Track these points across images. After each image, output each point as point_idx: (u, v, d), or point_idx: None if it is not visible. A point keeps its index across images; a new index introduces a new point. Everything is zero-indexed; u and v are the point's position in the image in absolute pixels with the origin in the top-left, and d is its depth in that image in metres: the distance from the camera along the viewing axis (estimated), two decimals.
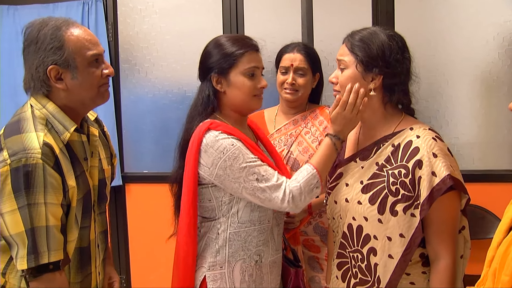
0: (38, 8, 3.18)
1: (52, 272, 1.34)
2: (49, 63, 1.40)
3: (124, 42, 3.18)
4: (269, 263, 1.62)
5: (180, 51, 3.09)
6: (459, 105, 2.76)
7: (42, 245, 1.31)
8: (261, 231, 1.58)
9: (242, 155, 1.49)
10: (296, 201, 1.49)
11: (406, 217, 1.39)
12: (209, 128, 1.53)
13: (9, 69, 3.20)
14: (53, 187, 1.33)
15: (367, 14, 2.78)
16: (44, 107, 1.43)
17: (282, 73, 2.14)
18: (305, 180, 1.50)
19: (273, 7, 2.96)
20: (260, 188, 1.49)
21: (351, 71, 1.48)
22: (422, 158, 1.38)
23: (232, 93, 1.59)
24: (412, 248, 1.40)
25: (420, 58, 2.73)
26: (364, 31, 1.51)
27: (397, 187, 1.41)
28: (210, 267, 1.56)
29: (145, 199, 3.19)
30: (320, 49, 2.71)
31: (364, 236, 1.48)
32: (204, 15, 3.04)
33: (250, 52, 1.58)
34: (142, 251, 3.23)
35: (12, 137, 1.35)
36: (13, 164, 1.29)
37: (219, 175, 1.50)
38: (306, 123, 2.15)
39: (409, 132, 1.46)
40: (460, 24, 2.72)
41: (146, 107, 3.19)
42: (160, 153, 3.18)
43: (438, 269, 1.41)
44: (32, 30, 1.44)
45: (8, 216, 1.29)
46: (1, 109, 3.23)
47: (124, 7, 3.16)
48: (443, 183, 1.35)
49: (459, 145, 2.76)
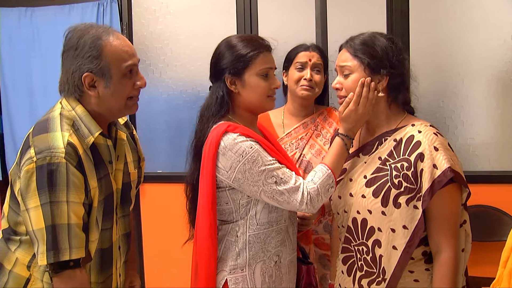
0: (54, 10, 3.22)
1: (72, 269, 1.36)
2: (85, 70, 1.42)
3: (138, 43, 3.20)
4: (287, 263, 1.62)
5: (194, 52, 3.11)
6: (475, 105, 2.73)
7: (64, 242, 1.33)
8: (278, 231, 1.59)
9: (260, 158, 1.49)
10: (314, 202, 1.50)
11: (409, 209, 1.43)
12: (227, 131, 1.52)
13: (27, 69, 3.25)
14: (75, 186, 1.35)
15: (382, 14, 2.76)
16: (73, 109, 1.46)
17: (298, 69, 2.12)
18: (321, 180, 1.52)
19: (287, 8, 2.96)
20: (279, 191, 1.49)
21: (357, 75, 1.51)
22: (423, 151, 1.43)
23: (247, 94, 1.59)
24: (414, 240, 1.44)
25: (435, 58, 2.73)
26: (362, 35, 1.55)
27: (399, 180, 1.45)
28: (231, 270, 1.56)
29: (159, 199, 3.20)
30: (334, 49, 2.69)
31: (369, 228, 1.52)
32: (218, 15, 3.06)
33: (264, 53, 1.58)
34: (156, 251, 3.24)
35: (39, 135, 1.39)
36: (38, 162, 1.32)
37: (237, 178, 1.50)
38: (316, 125, 2.15)
39: (410, 127, 1.51)
40: (476, 24, 2.69)
41: (160, 107, 3.22)
42: (174, 153, 3.20)
43: (440, 262, 1.44)
44: (73, 36, 1.45)
45: (32, 212, 1.33)
46: (15, 108, 3.29)
47: (139, 7, 3.19)
48: (444, 175, 1.39)
49: (475, 146, 2.74)
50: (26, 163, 1.34)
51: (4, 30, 3.28)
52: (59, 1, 3.23)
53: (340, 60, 1.56)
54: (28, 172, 1.33)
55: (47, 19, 3.22)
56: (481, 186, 2.68)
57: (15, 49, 3.26)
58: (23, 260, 1.46)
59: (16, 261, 1.47)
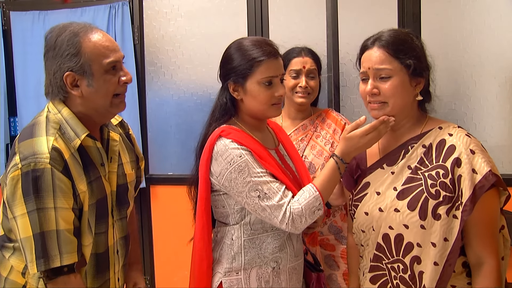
0: (66, 13, 3.24)
1: (67, 275, 1.35)
2: (65, 69, 1.39)
3: (149, 45, 3.21)
4: (288, 270, 1.58)
5: (205, 54, 3.11)
6: (488, 107, 2.70)
7: (53, 249, 1.31)
8: (275, 237, 1.55)
9: (248, 168, 1.46)
10: (296, 223, 1.45)
11: (449, 220, 1.32)
12: (221, 136, 1.51)
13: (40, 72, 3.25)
14: (62, 191, 1.33)
15: (393, 16, 2.75)
16: (59, 112, 1.43)
17: (293, 77, 2.12)
18: (307, 202, 1.45)
19: (298, 9, 2.95)
20: (261, 206, 1.46)
21: (399, 78, 1.39)
22: (460, 156, 1.33)
23: (249, 102, 1.56)
24: (455, 252, 1.33)
25: (448, 60, 2.71)
26: (392, 31, 1.44)
27: (437, 189, 1.34)
28: (226, 273, 1.55)
29: (170, 200, 3.21)
30: (345, 51, 2.70)
31: (406, 244, 1.39)
32: (229, 17, 3.06)
33: (267, 61, 1.52)
34: (166, 253, 3.25)
35: (24, 141, 1.36)
36: (23, 168, 1.30)
37: (225, 185, 1.49)
38: (315, 127, 2.16)
39: (438, 131, 1.42)
40: (489, 25, 2.66)
41: (171, 109, 3.22)
42: (185, 155, 3.19)
43: (483, 273, 1.33)
44: (51, 36, 1.44)
45: (20, 220, 1.31)
46: (29, 111, 3.30)
47: (150, 10, 3.20)
48: (486, 180, 1.29)
49: (488, 148, 2.63)
50: (11, 170, 1.32)
51: (17, 34, 3.31)
52: (71, 5, 3.25)
53: (375, 62, 1.41)
54: (14, 179, 1.30)
55: (59, 22, 3.23)
56: None
57: (28, 52, 3.29)
58: (17, 267, 1.44)
59: (11, 269, 1.45)
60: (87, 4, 3.23)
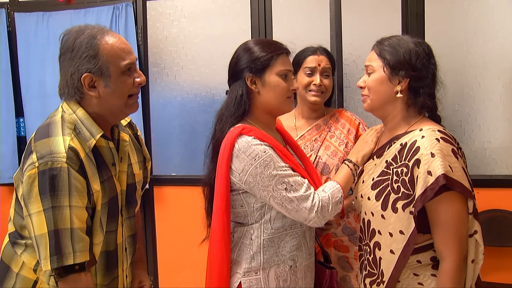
0: (70, 14, 3.26)
1: (78, 273, 1.36)
2: (83, 71, 1.42)
3: (153, 46, 3.23)
4: (303, 268, 1.61)
5: (208, 55, 3.11)
6: (492, 108, 2.69)
7: (67, 247, 1.33)
8: (293, 235, 1.58)
9: (273, 162, 1.49)
10: (324, 211, 1.50)
11: (405, 215, 1.44)
12: (242, 133, 1.52)
13: (44, 73, 3.29)
14: (77, 190, 1.35)
15: (397, 17, 2.75)
16: (74, 113, 1.46)
17: (307, 74, 2.11)
18: (332, 191, 1.55)
19: (301, 10, 2.95)
20: (289, 198, 1.48)
21: (378, 74, 1.55)
22: (420, 157, 1.42)
23: (267, 94, 1.60)
24: (410, 245, 1.44)
25: (451, 61, 2.70)
26: (393, 37, 1.58)
27: (398, 185, 1.47)
28: (245, 273, 1.56)
29: (173, 201, 3.21)
30: (349, 52, 2.71)
31: (371, 230, 1.56)
32: (233, 19, 3.06)
33: (283, 55, 1.61)
34: (170, 253, 3.26)
35: (41, 140, 1.39)
36: (40, 167, 1.32)
37: (248, 181, 1.50)
38: (329, 127, 2.15)
39: (417, 132, 1.50)
40: (493, 26, 2.66)
41: (175, 110, 3.23)
42: (188, 155, 3.20)
43: (440, 270, 1.43)
44: (68, 38, 1.46)
45: (35, 217, 1.33)
46: (35, 111, 3.32)
47: (154, 11, 3.21)
48: (436, 182, 1.37)
49: (492, 149, 2.70)
50: (28, 168, 1.34)
51: (21, 35, 3.33)
52: (75, 6, 3.27)
53: (367, 60, 1.61)
54: (30, 177, 1.33)
55: (63, 23, 3.25)
56: (498, 191, 2.65)
57: (32, 52, 3.30)
58: (29, 264, 1.46)
59: (23, 265, 1.47)
60: (91, 5, 3.24)
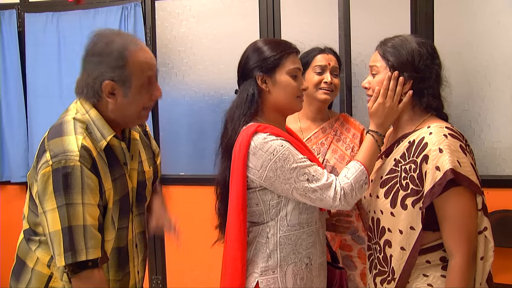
0: (79, 14, 3.28)
1: (91, 269, 1.39)
2: (107, 77, 1.44)
3: (161, 46, 3.24)
4: (317, 266, 1.61)
5: (217, 55, 3.12)
6: (502, 108, 2.68)
7: (80, 243, 1.36)
8: (309, 233, 1.58)
9: (292, 155, 1.49)
10: (348, 198, 1.50)
11: (415, 211, 1.44)
12: (257, 131, 1.52)
13: (53, 73, 3.32)
14: (90, 188, 1.38)
15: (406, 16, 2.74)
16: (87, 113, 1.48)
17: (317, 73, 2.11)
18: (354, 176, 1.52)
19: (309, 10, 2.95)
20: (311, 189, 1.48)
21: (382, 75, 1.56)
22: (428, 153, 1.42)
23: (277, 93, 1.59)
24: (421, 241, 1.44)
25: (461, 60, 2.69)
26: (396, 38, 1.58)
27: (407, 182, 1.47)
28: (262, 272, 1.56)
29: (182, 200, 3.21)
30: (357, 51, 2.70)
31: (381, 228, 1.56)
32: (241, 18, 3.07)
33: (293, 54, 1.61)
34: (178, 253, 3.26)
35: (54, 139, 1.42)
36: (54, 165, 1.35)
37: (269, 177, 1.50)
38: (335, 130, 2.15)
39: (425, 129, 1.50)
40: (503, 25, 2.64)
41: (183, 110, 3.24)
42: (197, 155, 3.21)
43: (449, 267, 1.42)
44: (98, 41, 1.46)
45: (49, 214, 1.36)
46: (42, 112, 3.35)
47: (162, 11, 3.22)
48: (444, 177, 1.37)
49: (502, 149, 2.68)
50: (42, 167, 1.37)
51: (30, 35, 3.36)
52: (84, 6, 3.29)
53: (371, 61, 1.61)
54: (45, 175, 1.36)
55: (72, 23, 3.28)
56: (508, 191, 2.64)
57: (40, 53, 3.33)
58: (43, 260, 1.50)
59: (38, 260, 1.51)
60: (100, 5, 3.26)
